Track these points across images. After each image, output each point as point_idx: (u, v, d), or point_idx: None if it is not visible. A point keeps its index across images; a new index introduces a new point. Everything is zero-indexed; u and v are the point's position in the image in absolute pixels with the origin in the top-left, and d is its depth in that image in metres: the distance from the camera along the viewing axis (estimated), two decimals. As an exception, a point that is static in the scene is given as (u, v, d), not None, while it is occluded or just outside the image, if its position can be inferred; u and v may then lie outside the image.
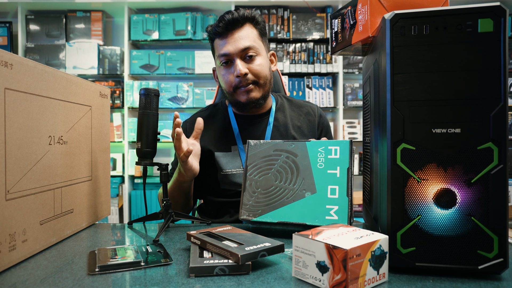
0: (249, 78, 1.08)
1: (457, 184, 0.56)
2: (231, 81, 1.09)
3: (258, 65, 1.09)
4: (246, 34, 1.09)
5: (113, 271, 0.60)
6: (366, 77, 0.81)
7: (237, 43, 1.07)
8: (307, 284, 0.55)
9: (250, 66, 1.09)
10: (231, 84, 1.10)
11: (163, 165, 0.90)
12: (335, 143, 0.82)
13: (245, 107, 1.12)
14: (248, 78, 1.08)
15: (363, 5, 0.71)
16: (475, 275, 0.57)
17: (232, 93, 1.11)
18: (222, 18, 1.08)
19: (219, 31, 1.08)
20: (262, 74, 1.10)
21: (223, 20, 1.08)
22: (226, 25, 1.07)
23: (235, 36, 1.08)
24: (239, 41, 1.07)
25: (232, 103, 1.16)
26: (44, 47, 3.02)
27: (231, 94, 1.12)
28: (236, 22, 1.08)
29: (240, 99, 1.11)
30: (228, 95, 1.14)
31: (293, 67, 3.04)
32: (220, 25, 1.08)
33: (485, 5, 0.55)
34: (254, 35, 1.11)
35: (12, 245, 0.63)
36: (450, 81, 0.56)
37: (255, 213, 0.82)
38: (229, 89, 1.11)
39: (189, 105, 3.05)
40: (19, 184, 0.65)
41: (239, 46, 1.07)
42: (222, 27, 1.08)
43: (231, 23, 1.07)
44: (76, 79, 0.85)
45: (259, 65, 1.09)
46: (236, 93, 1.11)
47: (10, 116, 0.63)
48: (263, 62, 1.11)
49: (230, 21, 1.07)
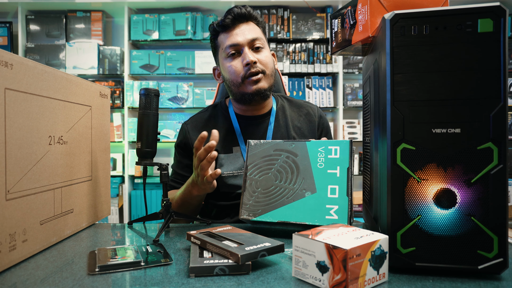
0: (258, 67, 1.10)
1: (457, 184, 0.56)
2: (239, 71, 1.09)
3: (265, 56, 1.12)
4: (252, 27, 1.13)
5: (113, 271, 0.60)
6: (366, 77, 0.81)
7: (245, 34, 1.10)
8: (307, 284, 0.55)
9: (258, 56, 1.11)
10: (239, 74, 1.10)
11: (163, 165, 0.90)
12: (335, 143, 0.82)
13: (252, 99, 1.11)
14: (257, 66, 1.10)
15: (363, 5, 0.71)
16: (475, 275, 0.57)
17: (239, 84, 1.10)
18: (230, 11, 1.11)
19: (227, 23, 1.11)
20: (270, 65, 1.13)
21: (232, 13, 1.11)
22: (234, 18, 1.10)
23: (242, 28, 1.11)
24: (247, 33, 1.11)
25: (236, 98, 1.14)
26: (44, 47, 3.02)
27: (238, 86, 1.11)
28: (244, 17, 1.12)
29: (247, 90, 1.10)
30: (234, 87, 1.12)
31: (293, 67, 3.04)
32: (228, 17, 1.10)
33: (485, 5, 0.55)
34: (259, 31, 1.15)
35: (12, 245, 0.63)
36: (450, 81, 0.56)
37: (255, 212, 0.82)
38: (237, 80, 1.10)
39: (189, 105, 3.05)
40: (19, 184, 0.65)
41: (247, 36, 1.10)
42: (231, 19, 1.10)
43: (239, 16, 1.11)
44: (76, 79, 0.85)
45: (266, 56, 1.12)
46: (244, 83, 1.10)
47: (10, 116, 0.63)
48: (269, 55, 1.15)
49: (239, 14, 1.11)
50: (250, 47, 1.10)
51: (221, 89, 1.44)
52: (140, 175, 3.05)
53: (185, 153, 1.18)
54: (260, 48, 1.12)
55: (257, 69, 1.09)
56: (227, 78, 1.14)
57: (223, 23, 1.11)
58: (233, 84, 1.12)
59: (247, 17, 1.12)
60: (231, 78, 1.12)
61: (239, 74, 1.09)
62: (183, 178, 1.16)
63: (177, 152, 1.21)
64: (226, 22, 1.11)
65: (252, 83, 1.09)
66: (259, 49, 1.12)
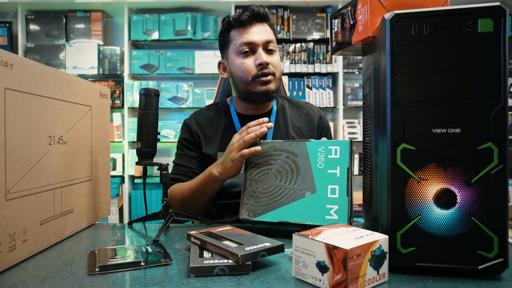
0: (270, 69, 1.10)
1: (457, 184, 0.56)
2: (251, 70, 1.10)
3: (277, 60, 1.13)
4: (267, 29, 1.13)
5: (113, 271, 0.60)
6: (366, 77, 0.81)
7: (261, 34, 1.11)
8: (307, 284, 0.55)
9: (271, 58, 1.11)
10: (251, 73, 1.10)
11: (163, 165, 0.90)
12: (335, 143, 0.82)
13: (259, 98, 1.12)
14: (269, 68, 1.10)
15: (363, 5, 0.71)
16: (475, 275, 0.57)
17: (249, 82, 1.11)
18: (249, 8, 1.11)
19: (244, 19, 1.10)
20: (279, 69, 1.14)
21: (252, 10, 1.10)
22: (252, 15, 1.10)
23: (258, 28, 1.11)
24: (263, 33, 1.11)
25: (242, 95, 1.14)
26: (44, 47, 3.02)
27: (247, 84, 1.11)
28: (261, 17, 1.12)
29: (256, 90, 1.11)
30: (242, 84, 1.12)
31: (293, 67, 3.04)
32: (247, 14, 1.10)
33: (485, 5, 0.55)
34: (272, 34, 1.15)
35: (12, 245, 0.63)
36: (450, 81, 0.56)
37: (255, 212, 0.82)
38: (247, 78, 1.10)
39: (189, 105, 3.05)
40: (19, 184, 0.65)
41: (263, 37, 1.10)
42: (249, 16, 1.10)
43: (257, 15, 1.11)
44: (76, 79, 0.85)
45: (277, 60, 1.14)
46: (253, 82, 1.10)
47: (10, 116, 0.63)
48: (279, 59, 1.16)
49: (257, 13, 1.10)
50: (264, 48, 1.11)
51: (221, 89, 1.44)
52: (140, 175, 3.05)
53: (191, 146, 1.18)
54: (272, 51, 1.13)
55: (269, 70, 1.10)
56: (236, 75, 1.13)
57: (240, 19, 1.10)
58: (242, 81, 1.12)
59: (264, 18, 1.12)
60: (241, 75, 1.11)
61: (251, 72, 1.10)
62: (190, 170, 1.15)
63: (182, 147, 1.19)
64: (244, 18, 1.10)
65: (262, 83, 1.10)
66: (272, 52, 1.12)
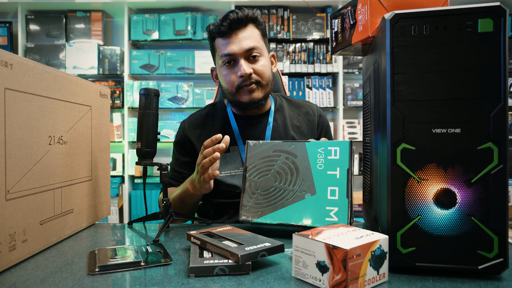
0: (253, 78, 1.08)
1: (457, 184, 0.56)
2: (234, 81, 1.09)
3: (262, 66, 1.09)
4: (250, 34, 1.08)
5: (113, 271, 0.60)
6: (366, 77, 0.81)
7: (241, 43, 1.06)
8: (307, 284, 0.55)
9: (254, 66, 1.08)
10: (234, 84, 1.09)
11: (163, 165, 0.90)
12: (335, 143, 0.82)
13: (246, 108, 1.12)
14: (252, 77, 1.08)
15: (363, 5, 0.71)
16: (475, 275, 0.57)
17: (234, 93, 1.10)
18: (226, 17, 1.06)
19: (223, 30, 1.06)
20: (266, 75, 1.10)
21: (227, 19, 1.05)
22: (230, 24, 1.06)
23: (239, 36, 1.07)
24: (243, 41, 1.06)
25: (232, 104, 1.15)
26: (44, 47, 3.02)
27: (233, 95, 1.11)
28: (240, 22, 1.07)
29: (242, 100, 1.10)
30: (229, 95, 1.12)
31: (293, 67, 3.04)
32: (224, 24, 1.06)
33: (485, 5, 0.55)
34: (257, 36, 1.10)
35: (12, 245, 0.63)
36: (450, 81, 0.56)
37: (254, 214, 0.82)
38: (232, 89, 1.10)
39: (189, 105, 3.05)
40: (19, 184, 0.65)
41: (243, 46, 1.06)
42: (226, 26, 1.06)
43: (236, 23, 1.06)
44: (76, 79, 0.85)
45: (262, 66, 1.09)
46: (238, 93, 1.10)
47: (10, 116, 0.63)
48: (266, 63, 1.11)
49: (234, 20, 1.05)
50: (246, 57, 1.07)
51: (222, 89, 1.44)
52: (140, 175, 3.05)
53: (183, 150, 1.18)
54: (256, 57, 1.08)
55: (252, 80, 1.07)
56: (222, 85, 1.14)
57: (220, 29, 1.06)
58: (228, 92, 1.12)
59: (244, 21, 1.07)
60: (226, 86, 1.12)
61: (234, 84, 1.09)
62: (180, 175, 1.17)
63: (175, 150, 1.21)
64: (222, 30, 1.06)
65: (246, 93, 1.09)
66: (256, 58, 1.08)
